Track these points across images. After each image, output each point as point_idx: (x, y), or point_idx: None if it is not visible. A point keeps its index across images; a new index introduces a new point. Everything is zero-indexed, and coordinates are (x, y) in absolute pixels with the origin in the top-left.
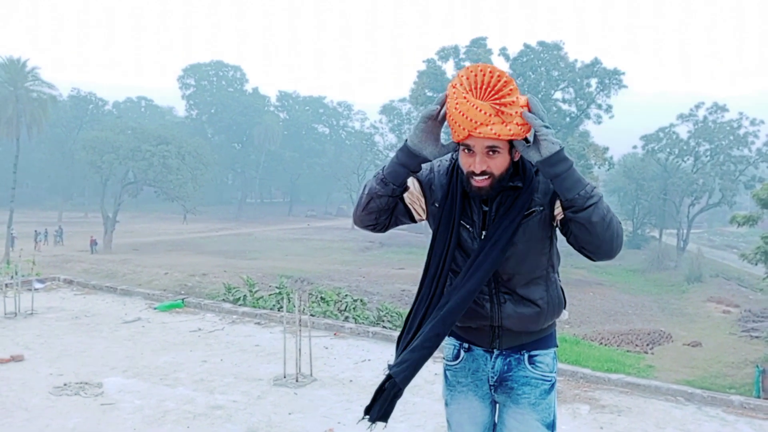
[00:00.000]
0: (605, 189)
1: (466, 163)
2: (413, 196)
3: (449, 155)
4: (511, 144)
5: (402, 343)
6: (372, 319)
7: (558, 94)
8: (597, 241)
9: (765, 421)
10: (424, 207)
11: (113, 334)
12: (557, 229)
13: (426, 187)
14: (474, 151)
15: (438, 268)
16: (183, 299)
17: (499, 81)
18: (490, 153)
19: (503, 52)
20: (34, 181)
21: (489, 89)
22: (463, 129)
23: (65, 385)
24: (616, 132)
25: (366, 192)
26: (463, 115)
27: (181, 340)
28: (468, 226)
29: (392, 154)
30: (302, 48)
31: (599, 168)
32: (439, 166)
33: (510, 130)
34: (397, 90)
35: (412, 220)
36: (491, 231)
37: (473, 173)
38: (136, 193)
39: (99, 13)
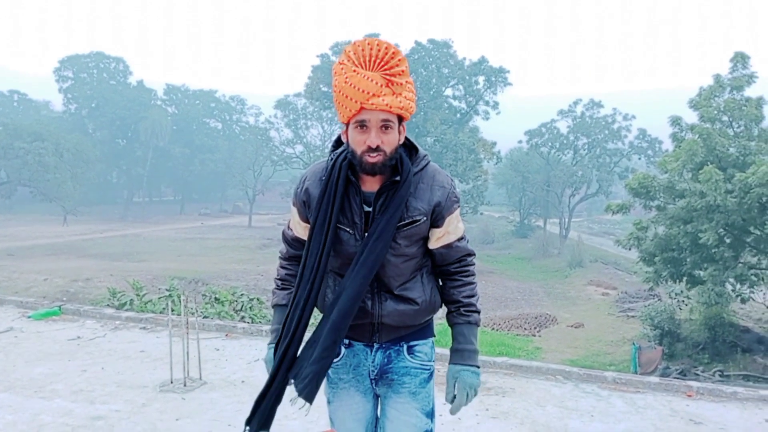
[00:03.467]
0: (494, 182)
1: (359, 140)
2: (301, 226)
3: (326, 159)
4: (399, 121)
5: (280, 349)
6: (269, 317)
7: (449, 91)
8: None
9: (635, 394)
10: (308, 224)
11: None
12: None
13: (302, 203)
14: (368, 126)
15: (313, 270)
16: (60, 306)
17: (387, 53)
18: (384, 128)
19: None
20: None
21: (378, 60)
22: (355, 102)
23: None
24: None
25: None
26: (354, 87)
27: (57, 349)
28: (348, 229)
29: (289, 150)
30: (192, 42)
31: (488, 162)
32: (312, 174)
33: (400, 102)
34: (291, 85)
35: None
36: (373, 227)
37: (369, 149)
38: (9, 194)
39: None
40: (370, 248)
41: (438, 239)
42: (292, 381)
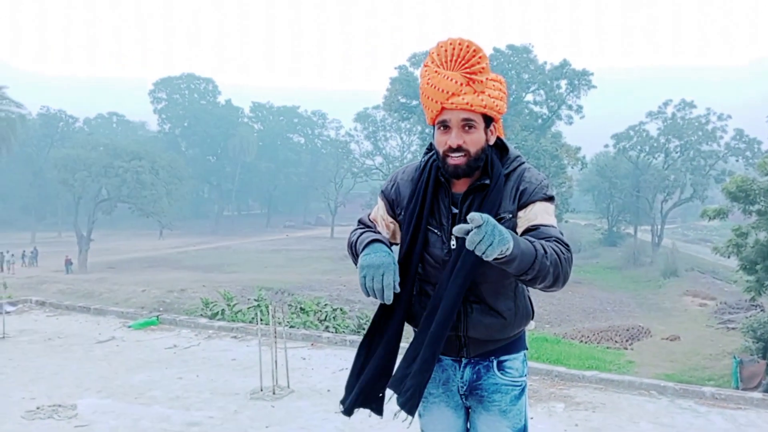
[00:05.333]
0: (579, 189)
1: (441, 141)
2: (385, 221)
3: (419, 160)
4: (486, 122)
5: (376, 358)
6: (352, 327)
7: (529, 97)
8: (538, 288)
9: (736, 410)
10: (395, 222)
11: (87, 355)
12: None
13: (392, 200)
14: (450, 126)
15: (406, 274)
16: (158, 316)
17: (468, 51)
18: (466, 128)
19: None
20: (5, 202)
21: (459, 59)
22: (436, 102)
23: (38, 408)
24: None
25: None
26: (435, 87)
27: (156, 357)
28: (436, 231)
29: (369, 161)
30: (269, 42)
31: (572, 168)
32: (403, 173)
33: (482, 100)
34: (368, 83)
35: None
36: None
37: (450, 149)
38: (110, 211)
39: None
40: (465, 256)
41: (523, 222)
42: (395, 395)
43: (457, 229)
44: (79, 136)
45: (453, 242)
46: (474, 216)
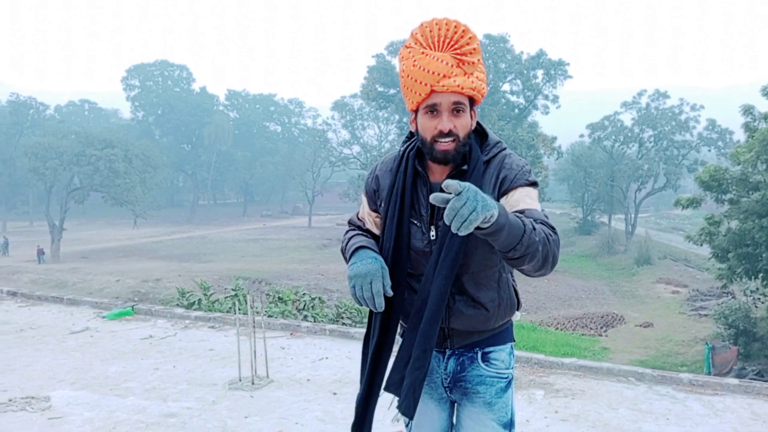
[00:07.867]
0: (555, 178)
1: (429, 126)
2: (371, 216)
3: (398, 150)
4: (470, 103)
5: (369, 358)
6: (331, 316)
7: (506, 86)
8: (527, 272)
9: (713, 396)
10: (380, 215)
11: (60, 346)
12: None
13: (373, 192)
14: (439, 110)
15: (393, 269)
16: (133, 306)
17: (456, 32)
18: (455, 111)
19: None
20: None
21: (448, 40)
22: (425, 85)
23: (10, 401)
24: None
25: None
26: (423, 69)
27: (131, 348)
28: (416, 222)
29: (347, 151)
30: (251, 49)
31: (548, 157)
32: (382, 164)
33: (472, 82)
34: (347, 86)
35: None
36: (445, 224)
37: (440, 134)
38: (82, 200)
39: (34, 15)
40: (448, 247)
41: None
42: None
43: (434, 197)
44: (50, 124)
45: (432, 233)
46: (450, 183)
